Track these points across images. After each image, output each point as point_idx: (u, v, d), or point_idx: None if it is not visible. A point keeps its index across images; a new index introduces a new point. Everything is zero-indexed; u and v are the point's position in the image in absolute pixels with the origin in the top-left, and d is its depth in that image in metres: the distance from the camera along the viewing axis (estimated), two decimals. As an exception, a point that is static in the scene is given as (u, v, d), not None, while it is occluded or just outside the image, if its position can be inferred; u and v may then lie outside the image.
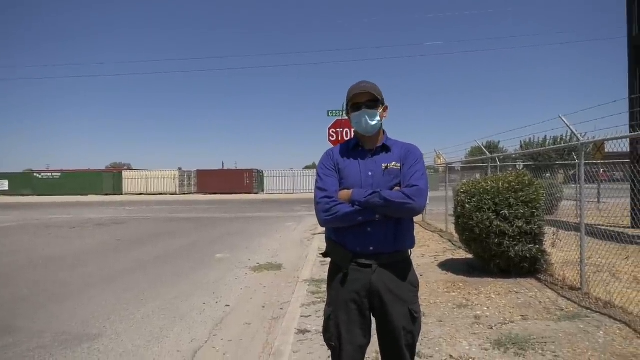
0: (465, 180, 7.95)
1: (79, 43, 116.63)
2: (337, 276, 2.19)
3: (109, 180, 44.12)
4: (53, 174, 45.02)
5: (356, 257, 2.13)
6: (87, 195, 41.80)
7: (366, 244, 2.11)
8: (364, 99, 2.21)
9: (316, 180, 2.27)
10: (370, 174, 2.18)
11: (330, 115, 11.86)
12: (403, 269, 2.18)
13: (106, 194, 42.60)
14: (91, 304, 5.67)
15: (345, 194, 2.14)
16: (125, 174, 45.45)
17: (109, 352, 4.10)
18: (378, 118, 2.23)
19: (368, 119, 2.21)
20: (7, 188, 43.57)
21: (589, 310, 4.62)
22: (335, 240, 2.21)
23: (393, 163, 2.20)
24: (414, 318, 2.14)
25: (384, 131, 2.32)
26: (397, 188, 2.14)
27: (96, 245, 11.19)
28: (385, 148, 2.26)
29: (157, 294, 6.12)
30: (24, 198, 39.81)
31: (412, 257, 2.27)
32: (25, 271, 7.91)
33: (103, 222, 17.36)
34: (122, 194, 42.97)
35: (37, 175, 45.04)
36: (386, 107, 2.32)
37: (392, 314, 2.10)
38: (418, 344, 3.84)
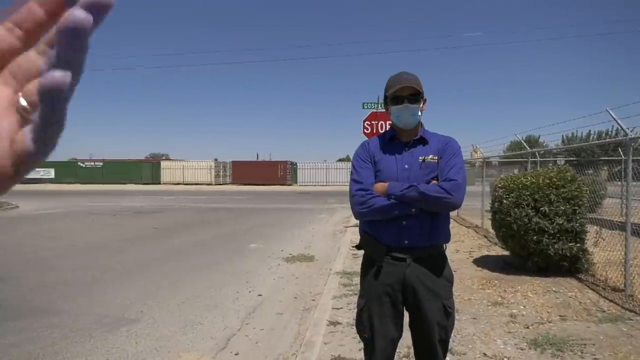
0: (503, 175, 7.74)
1: (118, 34, 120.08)
2: (371, 269, 2.18)
3: (147, 170, 45.40)
4: (95, 163, 46.75)
5: (390, 250, 2.11)
6: (127, 184, 43.15)
7: (401, 237, 2.08)
8: (407, 93, 2.15)
9: (351, 172, 2.24)
10: (406, 167, 2.14)
11: (365, 107, 11.75)
12: (438, 263, 2.14)
13: (145, 183, 43.86)
14: (129, 290, 5.87)
15: (381, 186, 2.11)
16: (163, 164, 46.67)
17: (145, 336, 4.23)
18: (420, 113, 2.19)
19: (410, 114, 2.16)
20: (53, 176, 45.50)
21: (632, 313, 4.44)
22: (369, 233, 2.19)
23: (430, 156, 2.15)
24: (448, 313, 2.11)
25: (421, 123, 2.27)
26: (434, 182, 2.10)
27: (135, 232, 11.55)
28: (422, 141, 2.22)
29: (192, 282, 6.27)
30: (68, 186, 41.48)
31: (446, 253, 2.22)
32: (67, 256, 8.26)
33: (142, 210, 17.89)
34: (160, 184, 44.15)
35: (81, 164, 46.85)
36: (425, 100, 2.26)
37: (426, 308, 2.07)
38: (451, 340, 3.79)
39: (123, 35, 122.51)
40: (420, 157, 2.15)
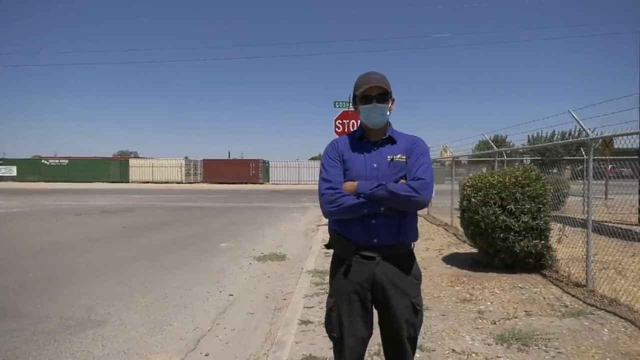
0: (471, 174, 7.90)
1: (87, 30, 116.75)
2: (340, 268, 2.18)
3: (115, 168, 44.39)
4: (60, 161, 45.35)
5: (359, 249, 2.11)
6: (93, 182, 42.06)
7: (370, 236, 2.09)
8: (375, 92, 2.16)
9: (320, 171, 2.23)
10: (375, 165, 2.16)
11: (337, 106, 11.80)
12: (406, 261, 2.16)
13: (113, 182, 42.88)
14: (96, 291, 5.71)
15: (350, 185, 2.11)
16: (131, 162, 45.70)
17: (112, 339, 4.12)
18: (388, 112, 2.21)
19: (379, 113, 2.18)
20: (15, 174, 43.96)
21: (594, 308, 4.59)
22: (338, 232, 2.19)
23: (399, 155, 2.17)
24: (416, 311, 2.13)
25: (389, 123, 2.29)
26: (402, 181, 2.12)
27: (102, 232, 11.25)
28: (390, 140, 2.23)
29: (161, 282, 6.15)
30: (31, 184, 40.12)
31: (416, 251, 2.25)
32: (30, 256, 7.97)
33: (109, 209, 17.46)
34: (128, 182, 43.23)
35: (45, 161, 45.38)
36: (394, 100, 2.28)
37: (395, 306, 2.09)
38: (421, 337, 3.84)
39: (89, 30, 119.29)
40: (388, 156, 2.17)
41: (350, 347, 2.15)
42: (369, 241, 2.10)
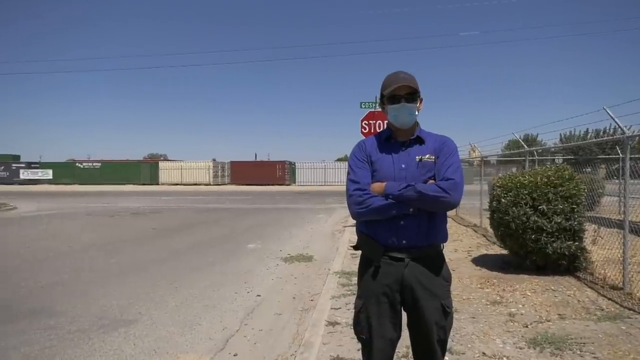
0: (501, 174, 7.74)
1: (118, 36, 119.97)
2: (368, 269, 2.16)
3: (146, 171, 45.36)
4: (94, 164, 46.68)
5: (388, 250, 2.09)
6: (125, 184, 43.11)
7: (399, 237, 2.07)
8: (404, 92, 2.14)
9: (348, 172, 2.22)
10: (403, 166, 2.13)
11: (363, 107, 11.78)
12: (436, 263, 2.13)
13: (143, 184, 43.84)
14: (128, 291, 5.85)
15: (378, 186, 2.09)
16: (161, 164, 46.64)
17: (144, 338, 4.21)
18: (416, 112, 2.19)
19: (407, 113, 2.16)
20: (51, 177, 45.44)
21: (631, 311, 4.43)
22: (367, 233, 2.17)
23: (427, 155, 2.14)
24: (446, 313, 2.10)
25: (417, 123, 2.26)
26: (431, 181, 2.09)
27: (132, 233, 11.53)
28: (418, 140, 2.21)
29: (190, 283, 6.25)
30: (66, 187, 41.43)
31: (444, 252, 2.21)
32: (65, 257, 8.23)
33: (140, 211, 17.86)
34: (158, 184, 44.12)
35: (79, 165, 46.80)
36: (422, 99, 2.25)
37: (425, 308, 2.06)
38: (450, 340, 3.78)
39: (120, 35, 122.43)
40: (417, 157, 2.14)
41: (379, 349, 2.13)
42: (398, 242, 2.08)
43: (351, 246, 2.37)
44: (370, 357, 2.15)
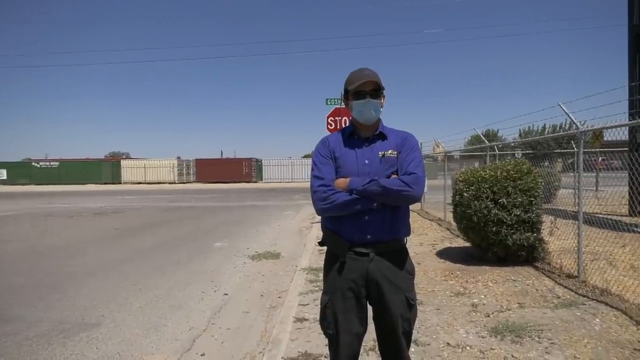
0: (463, 169, 7.94)
1: (78, 32, 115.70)
2: (334, 265, 2.18)
3: (107, 170, 44.06)
4: (51, 163, 44.92)
5: (353, 245, 2.12)
6: (85, 184, 41.76)
7: (363, 232, 2.10)
8: (369, 88, 2.17)
9: (312, 169, 2.24)
10: (366, 162, 2.16)
11: (329, 103, 11.81)
12: (400, 257, 2.18)
13: (105, 183, 42.59)
14: (89, 293, 5.68)
15: (342, 182, 2.12)
16: (123, 163, 45.41)
17: (107, 341, 4.11)
18: (381, 108, 2.23)
19: (372, 109, 2.19)
20: (5, 177, 43.52)
21: (585, 298, 4.65)
22: (331, 229, 2.19)
23: (390, 151, 2.18)
24: (411, 305, 2.15)
25: (380, 119, 2.30)
26: (394, 176, 2.13)
27: (95, 234, 11.19)
28: (381, 136, 2.24)
29: (155, 283, 6.13)
30: (22, 187, 39.78)
31: (409, 246, 2.26)
32: (23, 260, 7.91)
33: (102, 211, 17.35)
34: (120, 183, 42.96)
35: (36, 164, 44.93)
36: (384, 96, 2.30)
37: (390, 301, 2.10)
38: (415, 331, 3.86)
39: (79, 30, 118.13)
40: (380, 152, 2.18)
41: (346, 343, 2.15)
42: (363, 237, 2.10)
43: (317, 242, 2.38)
44: (337, 352, 2.18)
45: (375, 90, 2.18)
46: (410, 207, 2.27)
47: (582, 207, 5.49)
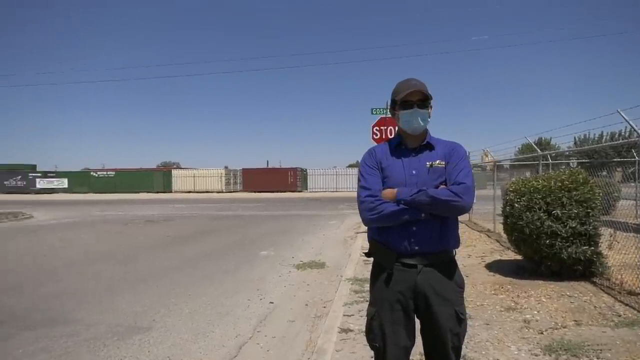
0: (514, 179, 7.68)
1: (131, 45, 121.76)
2: (381, 276, 2.16)
3: (159, 179, 45.80)
4: (108, 173, 47.29)
5: (400, 257, 2.09)
6: (139, 192, 43.54)
7: (411, 243, 2.07)
8: (416, 98, 2.16)
9: (359, 179, 2.23)
10: (414, 172, 2.14)
11: (374, 113, 11.77)
12: (449, 269, 2.13)
13: (157, 192, 44.24)
14: (142, 298, 5.90)
15: (389, 192, 2.10)
16: (174, 172, 47.07)
17: (158, 345, 4.25)
18: (429, 118, 2.20)
19: (420, 119, 2.17)
20: (66, 186, 46.11)
21: (649, 317, 4.35)
22: (378, 240, 2.17)
23: (437, 161, 2.15)
24: (460, 319, 2.09)
25: (427, 129, 2.27)
26: (442, 186, 2.09)
27: (146, 241, 11.64)
28: (428, 146, 2.22)
29: (203, 290, 6.29)
30: (81, 195, 41.98)
31: (458, 258, 2.21)
32: (81, 265, 8.34)
33: (153, 219, 18.02)
34: (171, 192, 44.50)
35: (94, 174, 47.44)
36: (432, 107, 2.27)
37: (438, 315, 2.05)
38: (464, 346, 3.74)
39: (132, 45, 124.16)
40: (427, 163, 2.15)
41: (394, 356, 2.11)
42: (410, 248, 2.07)
43: (363, 253, 2.37)
44: None
45: (422, 100, 2.17)
46: (459, 218, 2.22)
47: (645, 220, 5.17)
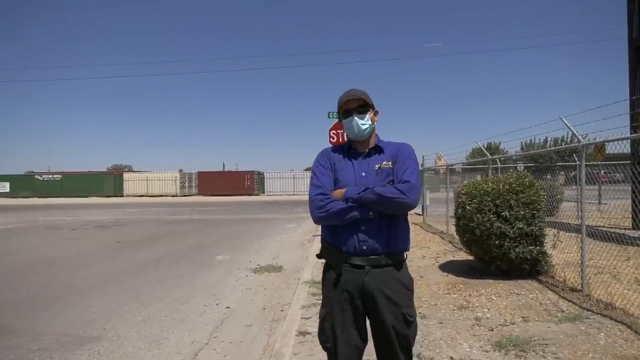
0: (466, 182, 7.94)
1: (80, 45, 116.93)
2: (330, 277, 2.20)
3: (110, 182, 44.18)
4: (54, 176, 45.09)
5: (349, 258, 2.12)
6: (88, 197, 41.85)
7: (360, 243, 2.11)
8: (354, 105, 2.25)
9: (311, 178, 2.29)
10: (363, 174, 2.20)
11: (331, 117, 11.86)
12: (397, 271, 2.16)
13: (107, 196, 42.66)
14: (92, 306, 5.67)
15: (339, 192, 2.15)
16: (126, 175, 45.55)
17: (109, 354, 4.10)
18: (370, 122, 2.27)
19: (359, 124, 2.24)
20: (8, 190, 43.65)
21: (589, 312, 4.62)
22: (329, 241, 2.22)
23: (384, 162, 2.22)
24: (408, 322, 2.12)
25: (375, 134, 2.36)
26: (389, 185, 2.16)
27: (97, 247, 11.20)
28: (377, 149, 2.29)
29: (157, 296, 6.12)
30: (25, 200, 39.88)
31: (412, 259, 2.27)
32: (26, 273, 7.92)
33: (104, 224, 17.37)
34: (123, 196, 43.03)
35: (39, 177, 45.11)
36: (377, 112, 2.37)
37: (385, 316, 2.08)
38: (418, 345, 3.85)
39: (81, 44, 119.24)
40: (376, 165, 2.22)
41: (345, 356, 2.14)
42: (359, 249, 2.11)
43: (316, 255, 2.40)
44: None
45: (361, 106, 2.26)
46: (413, 220, 2.28)
47: (585, 220, 5.48)
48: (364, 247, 2.10)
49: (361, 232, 2.11)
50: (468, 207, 6.28)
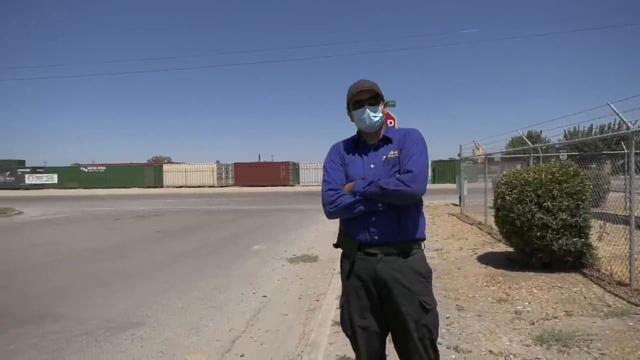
0: (505, 172, 7.72)
1: (120, 40, 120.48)
2: (346, 265, 2.23)
3: (150, 174, 45.47)
4: (98, 168, 46.81)
5: (362, 246, 2.15)
6: (130, 187, 43.25)
7: (370, 232, 2.13)
8: (366, 96, 2.24)
9: (323, 174, 2.31)
10: (372, 166, 2.21)
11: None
12: (410, 259, 2.13)
13: (148, 187, 43.94)
14: (134, 294, 5.87)
15: (348, 186, 2.19)
16: (165, 167, 46.77)
17: (150, 340, 4.23)
18: (381, 114, 2.27)
19: (371, 116, 2.24)
20: (56, 181, 45.66)
21: (638, 307, 4.41)
22: (343, 230, 2.26)
23: (391, 152, 2.20)
24: (426, 309, 2.08)
25: (383, 125, 2.34)
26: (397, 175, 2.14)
27: (138, 236, 11.57)
28: (386, 140, 2.27)
29: (196, 285, 6.27)
30: (71, 191, 41.60)
31: (449, 250, 2.22)
32: (72, 261, 8.28)
33: (144, 214, 17.92)
34: (162, 187, 44.22)
35: (84, 169, 46.95)
36: (386, 103, 2.37)
37: (400, 304, 2.07)
38: (456, 338, 3.79)
39: (122, 39, 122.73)
40: (383, 156, 2.21)
41: (365, 342, 2.15)
42: (370, 238, 2.13)
43: (333, 244, 2.42)
44: (359, 352, 2.19)
45: (372, 98, 2.25)
46: (450, 211, 2.23)
47: (634, 211, 5.22)
48: (375, 237, 2.12)
49: (371, 223, 2.13)
50: (508, 198, 6.10)
